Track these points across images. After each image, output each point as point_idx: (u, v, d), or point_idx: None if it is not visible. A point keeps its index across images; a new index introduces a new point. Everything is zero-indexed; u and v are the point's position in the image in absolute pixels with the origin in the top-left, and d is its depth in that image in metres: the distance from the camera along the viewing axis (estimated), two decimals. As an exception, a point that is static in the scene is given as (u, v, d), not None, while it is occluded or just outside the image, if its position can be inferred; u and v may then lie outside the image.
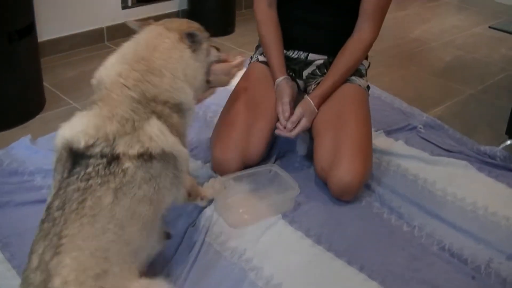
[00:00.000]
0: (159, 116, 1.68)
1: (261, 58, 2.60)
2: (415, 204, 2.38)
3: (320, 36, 2.52)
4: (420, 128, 2.97)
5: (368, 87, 2.59)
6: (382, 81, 3.65)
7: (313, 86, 2.55)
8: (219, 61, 2.05)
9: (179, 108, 1.75)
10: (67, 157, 1.57)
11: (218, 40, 4.20)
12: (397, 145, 2.81)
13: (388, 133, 2.92)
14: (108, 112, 1.63)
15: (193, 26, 1.90)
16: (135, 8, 4.27)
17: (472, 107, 3.50)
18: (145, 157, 1.61)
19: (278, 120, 2.50)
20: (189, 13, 4.40)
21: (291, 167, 2.57)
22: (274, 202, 2.30)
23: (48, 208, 1.52)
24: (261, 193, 2.36)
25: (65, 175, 1.55)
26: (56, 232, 1.46)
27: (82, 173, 1.54)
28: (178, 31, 1.82)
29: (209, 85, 2.04)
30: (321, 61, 2.55)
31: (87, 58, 3.83)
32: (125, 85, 1.67)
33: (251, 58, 2.71)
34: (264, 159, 2.54)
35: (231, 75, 2.15)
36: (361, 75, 2.53)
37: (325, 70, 2.52)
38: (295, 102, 2.49)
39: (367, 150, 2.38)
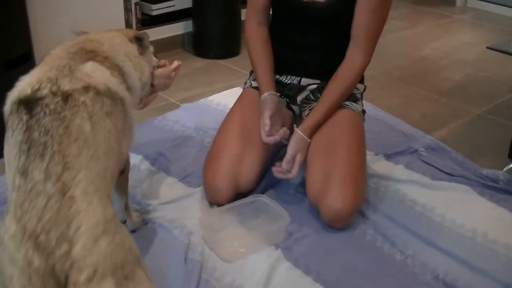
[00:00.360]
0: (100, 62, 1.80)
1: (254, 83, 2.56)
2: (410, 231, 2.31)
3: (312, 60, 2.48)
4: (422, 151, 2.90)
5: (363, 111, 2.53)
6: (386, 102, 3.59)
7: (307, 112, 2.50)
8: (159, 66, 2.21)
9: (120, 72, 1.86)
10: (18, 106, 1.61)
11: (223, 63, 4.18)
12: (397, 169, 2.74)
13: (388, 157, 2.85)
14: (47, 66, 1.72)
15: (140, 32, 2.04)
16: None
17: (479, 128, 3.43)
18: (94, 91, 1.69)
19: (272, 146, 2.48)
20: (195, 36, 4.39)
21: (285, 194, 2.53)
22: (265, 233, 2.26)
23: (25, 141, 1.54)
24: (251, 224, 2.32)
25: (26, 117, 1.58)
26: (56, 151, 1.51)
27: (47, 110, 1.59)
28: (126, 35, 1.99)
29: (153, 89, 2.19)
30: (315, 86, 2.51)
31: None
32: (66, 48, 1.82)
33: (245, 83, 2.67)
34: (257, 185, 2.50)
35: (171, 79, 2.27)
36: (355, 100, 2.48)
37: (319, 95, 2.47)
38: (291, 125, 2.51)
39: (359, 177, 2.32)
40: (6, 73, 2.88)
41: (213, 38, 4.33)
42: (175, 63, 2.29)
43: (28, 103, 1.61)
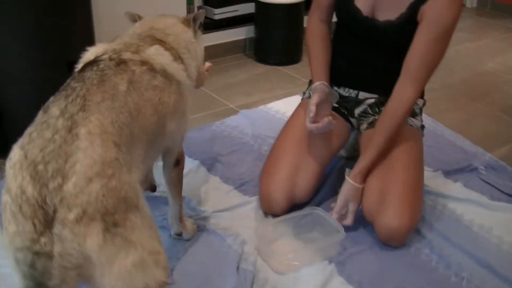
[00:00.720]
0: (166, 48, 1.92)
1: (313, 94, 2.56)
2: (466, 252, 2.27)
3: (368, 76, 2.47)
4: (481, 169, 2.84)
5: (422, 126, 2.50)
6: (448, 117, 3.52)
7: (365, 125, 2.49)
8: None
9: (183, 63, 1.97)
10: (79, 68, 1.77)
11: (284, 69, 4.17)
12: (455, 187, 2.70)
13: (447, 173, 2.81)
14: (117, 42, 1.90)
15: (197, 12, 2.15)
16: (202, 35, 4.27)
17: (542, 147, 3.34)
18: (149, 66, 1.80)
19: (328, 158, 2.47)
20: (256, 41, 4.39)
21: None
22: (319, 247, 2.25)
23: (63, 88, 1.64)
24: (305, 237, 2.32)
25: (76, 74, 1.71)
26: (80, 95, 1.59)
27: (95, 68, 1.70)
28: (181, 20, 2.10)
29: None
30: (373, 100, 2.49)
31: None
32: (137, 32, 1.98)
33: (304, 93, 2.67)
34: (313, 196, 2.51)
35: (205, 76, 2.31)
36: (414, 115, 2.45)
37: (377, 109, 2.46)
38: (347, 137, 2.57)
39: (416, 196, 2.30)
40: (69, 74, 2.92)
41: (275, 44, 4.32)
42: (207, 64, 2.35)
43: (86, 65, 1.74)
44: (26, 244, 1.38)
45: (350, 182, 2.29)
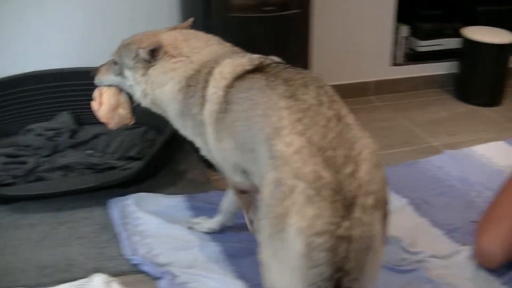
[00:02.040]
0: None
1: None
2: None
3: None
4: None
5: None
6: None
7: None
8: None
9: None
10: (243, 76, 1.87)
11: (485, 111, 4.01)
12: None
13: None
14: (243, 55, 1.99)
15: None
16: (405, 66, 4.26)
17: None
18: None
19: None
20: (459, 78, 4.29)
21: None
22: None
23: (275, 80, 1.74)
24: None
25: (259, 75, 1.83)
26: (319, 86, 1.69)
27: (279, 67, 1.84)
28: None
29: None
30: None
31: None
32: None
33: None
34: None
35: None
36: None
37: None
38: None
39: None
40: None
41: (479, 83, 4.18)
42: None
43: (255, 70, 1.84)
44: (328, 228, 1.43)
45: None
